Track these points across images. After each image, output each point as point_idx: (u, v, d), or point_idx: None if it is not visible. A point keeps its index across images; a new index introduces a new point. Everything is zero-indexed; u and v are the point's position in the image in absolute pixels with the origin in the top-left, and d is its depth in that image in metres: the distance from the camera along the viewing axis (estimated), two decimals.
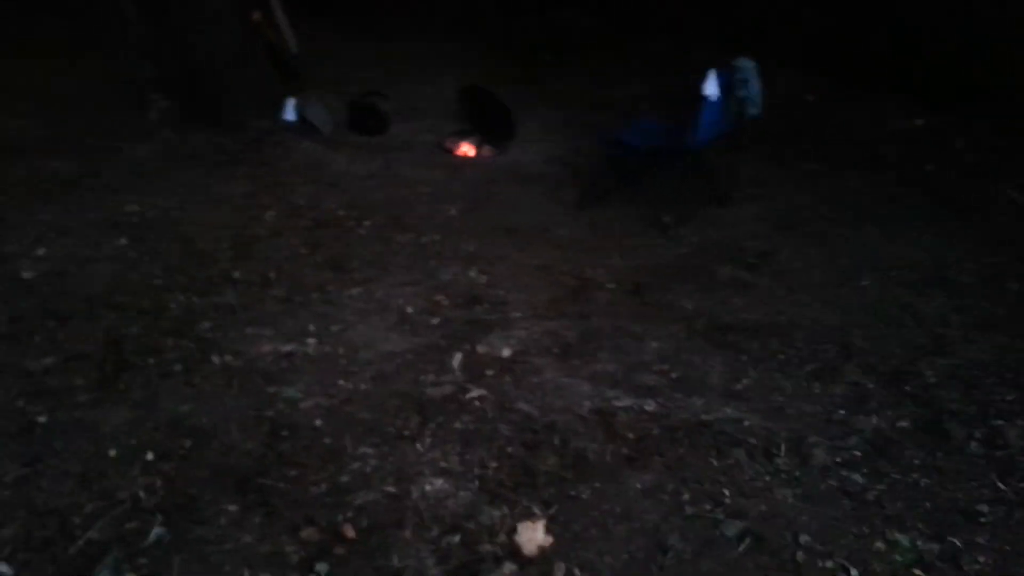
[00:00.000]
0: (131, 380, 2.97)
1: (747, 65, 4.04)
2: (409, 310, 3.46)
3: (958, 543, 2.37)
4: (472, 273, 3.80)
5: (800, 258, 4.06)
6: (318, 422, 2.75)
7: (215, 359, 3.04)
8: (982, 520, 2.46)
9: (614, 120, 5.54)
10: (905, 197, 4.75)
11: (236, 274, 3.66)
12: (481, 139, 5.32)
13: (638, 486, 2.47)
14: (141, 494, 2.47)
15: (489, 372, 3.02)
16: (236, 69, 4.99)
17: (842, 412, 2.94)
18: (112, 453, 2.64)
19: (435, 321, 3.38)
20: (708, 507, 2.41)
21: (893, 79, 5.73)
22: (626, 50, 6.80)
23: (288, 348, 3.13)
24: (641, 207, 4.49)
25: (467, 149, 5.24)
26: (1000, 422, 2.90)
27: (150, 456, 2.63)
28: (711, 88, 3.88)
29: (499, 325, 3.36)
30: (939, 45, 5.62)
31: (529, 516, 2.31)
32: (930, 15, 5.66)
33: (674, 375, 3.11)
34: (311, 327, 3.29)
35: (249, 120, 5.12)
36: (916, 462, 2.69)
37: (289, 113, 5.16)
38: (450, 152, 5.19)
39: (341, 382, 2.93)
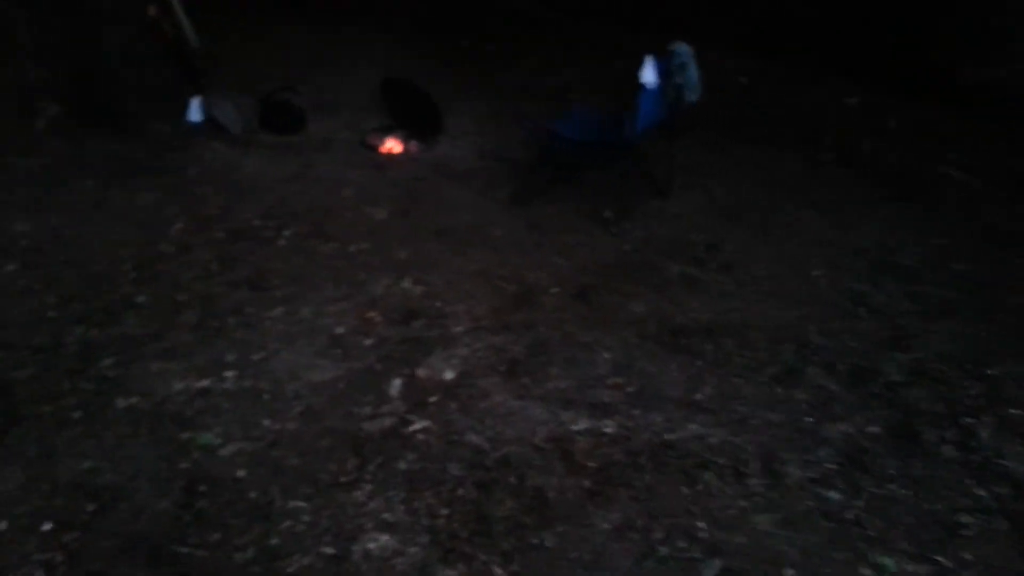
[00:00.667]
0: (23, 434, 2.60)
1: (684, 50, 3.83)
2: (339, 331, 3.15)
3: (945, 562, 2.23)
4: (406, 283, 3.50)
5: (747, 250, 3.90)
6: (241, 472, 2.43)
7: (120, 402, 2.69)
8: (965, 533, 2.33)
9: (548, 109, 5.28)
10: (844, 179, 4.65)
11: (140, 299, 3.28)
12: (406, 135, 5.00)
13: (605, 526, 2.24)
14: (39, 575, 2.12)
15: (432, 399, 2.75)
16: (132, 68, 4.55)
17: (809, 420, 2.78)
18: (2, 526, 2.28)
19: (369, 342, 3.09)
20: (683, 545, 2.21)
21: (824, 57, 5.64)
22: (562, 35, 6.52)
23: (203, 384, 2.79)
24: (580, 202, 4.26)
25: (392, 146, 4.92)
26: (970, 420, 2.78)
27: (48, 526, 2.28)
28: (649, 75, 3.66)
29: (439, 342, 3.09)
30: (867, 20, 5.54)
31: (488, 574, 2.06)
32: None
33: (630, 389, 2.90)
34: (229, 357, 2.95)
35: (150, 124, 4.67)
36: (891, 472, 2.54)
37: (194, 114, 4.74)
38: (374, 149, 4.85)
39: (266, 422, 2.62)
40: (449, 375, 2.87)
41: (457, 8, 6.97)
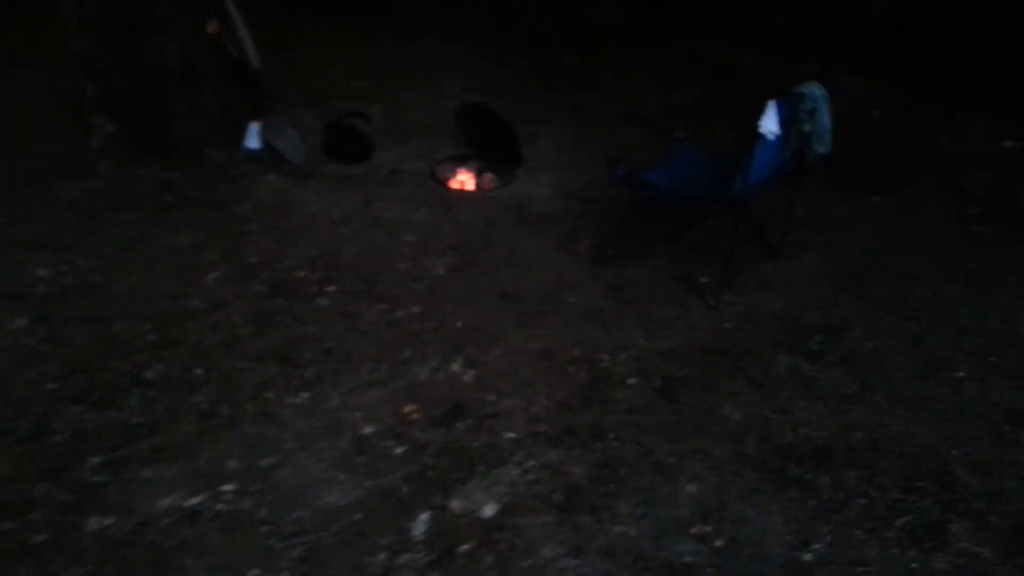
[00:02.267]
0: None
1: (816, 92, 3.13)
2: (367, 429, 2.64)
3: None
4: (456, 366, 2.96)
5: (875, 336, 3.18)
6: None
7: (92, 523, 2.25)
8: None
9: (647, 140, 4.66)
10: (997, 242, 3.83)
11: (151, 374, 2.86)
12: (481, 166, 4.46)
13: None
14: None
15: (463, 547, 2.20)
16: (189, 88, 4.16)
17: None
18: None
19: (400, 450, 2.56)
20: None
21: (976, 91, 4.76)
22: (665, 53, 5.84)
23: (194, 502, 2.33)
24: (672, 262, 3.62)
25: (464, 179, 4.39)
26: None
27: None
28: (770, 124, 2.98)
29: (484, 456, 2.53)
30: None
31: None
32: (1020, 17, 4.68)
33: (719, 542, 2.27)
34: (233, 462, 2.48)
35: (206, 151, 4.30)
36: None
37: (252, 141, 4.34)
38: (443, 184, 4.33)
39: (255, 571, 2.12)
40: (489, 510, 2.31)
41: (555, 19, 6.36)
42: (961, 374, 3.01)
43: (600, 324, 3.24)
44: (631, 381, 2.93)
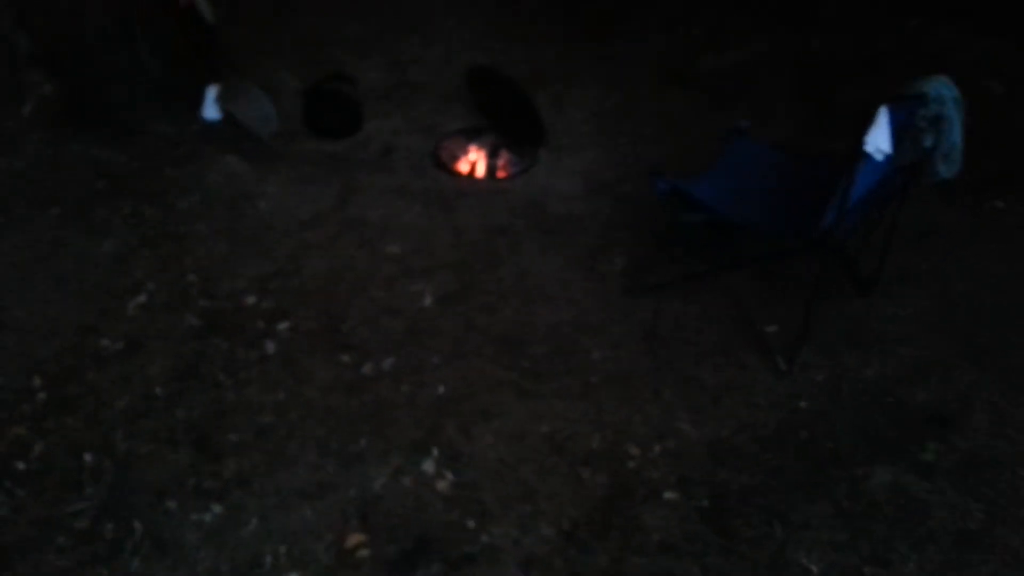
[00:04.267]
0: None
1: (944, 95, 2.19)
2: None
3: None
4: (429, 464, 2.19)
5: (1006, 430, 2.31)
6: None
7: None
8: None
9: (706, 113, 3.71)
10: None
11: (22, 464, 2.13)
12: (497, 143, 3.58)
13: None
14: None
15: None
16: (123, 42, 3.32)
17: None
18: None
19: None
20: None
21: None
22: None
23: None
24: (730, 301, 2.75)
25: (473, 161, 3.52)
26: None
27: None
28: (880, 139, 2.06)
29: None
30: None
31: None
32: None
33: None
34: None
35: (152, 122, 3.48)
36: None
37: (210, 110, 3.50)
38: (447, 168, 3.47)
39: None
40: None
41: None
42: None
43: (630, 395, 2.42)
44: (668, 495, 2.13)
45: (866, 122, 2.09)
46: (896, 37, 4.10)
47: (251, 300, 2.74)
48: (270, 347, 2.55)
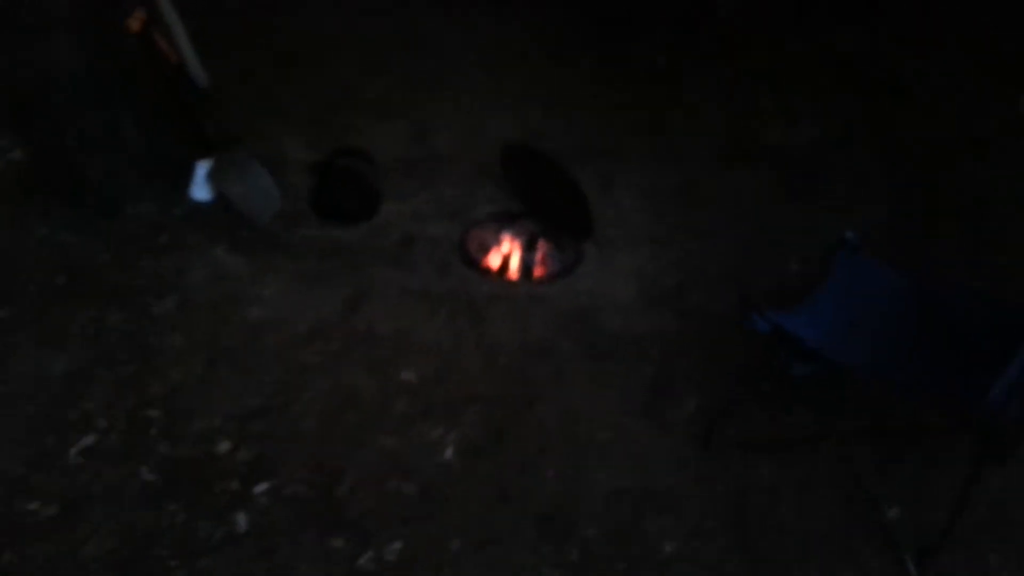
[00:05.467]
0: None
1: None
2: None
3: None
4: None
5: None
6: None
7: None
8: None
9: (772, 192, 3.14)
10: None
11: None
12: (534, 232, 3.02)
13: None
14: None
15: None
16: (97, 107, 2.80)
17: None
18: None
19: None
20: None
21: None
22: (785, 51, 4.15)
23: None
24: (838, 472, 2.13)
25: (506, 254, 2.96)
26: None
27: None
28: None
29: None
30: None
31: None
32: None
33: None
34: None
35: (132, 201, 2.95)
36: None
37: (200, 189, 2.96)
38: (476, 265, 2.90)
39: None
40: None
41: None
42: None
43: None
44: None
45: None
46: (1004, 115, 3.51)
47: (225, 447, 2.16)
48: (242, 522, 1.97)
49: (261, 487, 2.05)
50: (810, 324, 1.98)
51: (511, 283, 2.88)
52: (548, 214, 3.13)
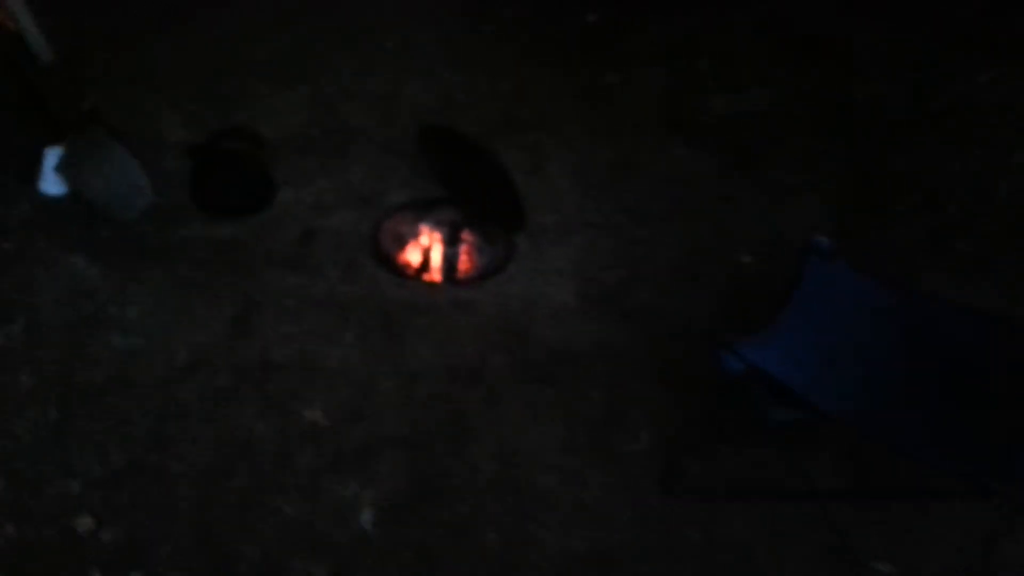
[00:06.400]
0: None
1: None
2: None
3: None
4: None
5: None
6: None
7: None
8: None
9: (717, 170, 2.83)
10: None
11: None
12: (455, 223, 2.63)
13: None
14: None
15: None
16: None
17: None
18: None
19: None
20: None
21: None
22: (730, 15, 3.78)
23: None
24: (817, 519, 1.86)
25: (426, 249, 2.57)
26: None
27: None
28: None
29: None
30: None
31: None
32: None
33: None
34: None
35: None
36: None
37: (49, 182, 2.43)
38: (391, 263, 2.50)
39: None
40: None
41: None
42: None
43: None
44: None
45: None
46: (962, 89, 3.25)
47: (86, 524, 1.73)
48: None
49: None
50: (785, 357, 1.68)
51: (432, 286, 2.49)
52: (472, 200, 2.73)
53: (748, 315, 2.21)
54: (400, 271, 2.53)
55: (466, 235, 2.65)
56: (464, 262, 2.60)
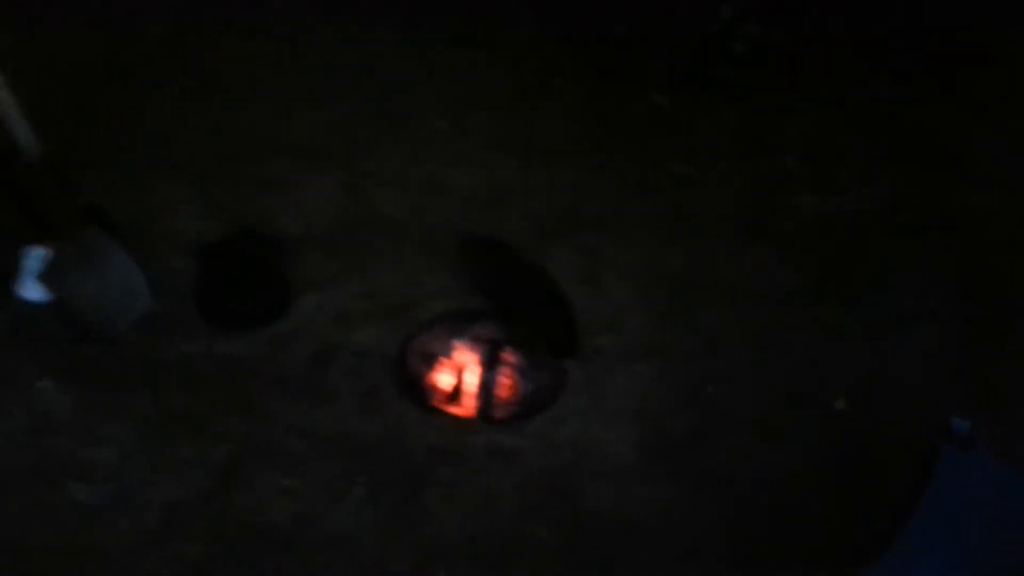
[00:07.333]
0: None
1: None
2: None
3: None
4: None
5: None
6: None
7: None
8: None
9: (809, 290, 2.40)
10: None
11: None
12: (495, 341, 2.23)
13: None
14: None
15: None
16: None
17: None
18: None
19: None
20: None
21: None
22: (815, 103, 3.25)
23: None
24: None
25: (459, 371, 2.19)
26: None
27: None
28: None
29: None
30: None
31: None
32: None
33: None
34: None
35: None
36: None
37: (29, 287, 2.11)
38: (417, 392, 2.12)
39: None
40: None
41: (641, 25, 3.42)
42: None
43: None
44: None
45: None
46: None
47: None
48: None
49: None
50: None
51: (464, 424, 2.09)
52: (518, 314, 2.34)
53: (843, 484, 1.77)
54: (427, 398, 2.14)
55: (507, 355, 2.25)
56: (504, 388, 2.20)
